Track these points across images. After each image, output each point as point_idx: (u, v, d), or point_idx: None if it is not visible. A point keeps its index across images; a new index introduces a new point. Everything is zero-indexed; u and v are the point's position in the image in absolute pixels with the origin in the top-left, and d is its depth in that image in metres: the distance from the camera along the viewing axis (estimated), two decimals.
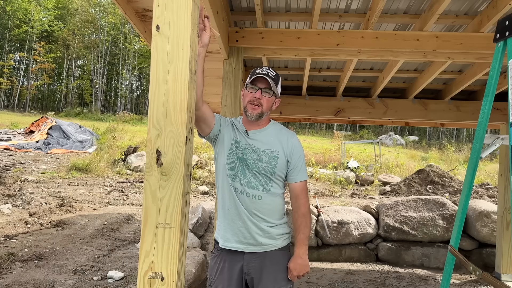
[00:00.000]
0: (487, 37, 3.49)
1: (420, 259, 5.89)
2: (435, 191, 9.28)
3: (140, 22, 3.50)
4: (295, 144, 2.10)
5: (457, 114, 5.49)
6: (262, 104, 2.04)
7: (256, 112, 2.03)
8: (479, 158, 1.83)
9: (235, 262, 2.04)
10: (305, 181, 2.11)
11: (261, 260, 2.02)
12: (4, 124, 22.07)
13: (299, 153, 2.10)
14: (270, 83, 2.02)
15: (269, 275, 2.01)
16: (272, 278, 2.00)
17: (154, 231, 1.52)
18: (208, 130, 2.02)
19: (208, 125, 2.00)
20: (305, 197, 2.09)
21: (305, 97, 5.64)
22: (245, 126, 2.12)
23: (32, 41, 42.46)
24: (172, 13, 1.54)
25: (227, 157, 2.04)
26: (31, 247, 5.47)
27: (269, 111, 2.10)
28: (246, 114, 2.08)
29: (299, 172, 2.08)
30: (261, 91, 2.04)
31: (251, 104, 2.04)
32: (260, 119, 2.08)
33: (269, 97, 2.06)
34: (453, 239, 1.97)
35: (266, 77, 2.02)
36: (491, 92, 1.82)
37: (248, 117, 2.07)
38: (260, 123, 2.11)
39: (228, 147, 2.05)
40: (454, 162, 18.04)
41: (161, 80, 1.54)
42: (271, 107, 2.11)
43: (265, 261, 2.02)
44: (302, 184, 2.09)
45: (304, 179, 2.10)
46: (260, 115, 2.05)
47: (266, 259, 2.02)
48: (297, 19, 3.73)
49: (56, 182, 10.65)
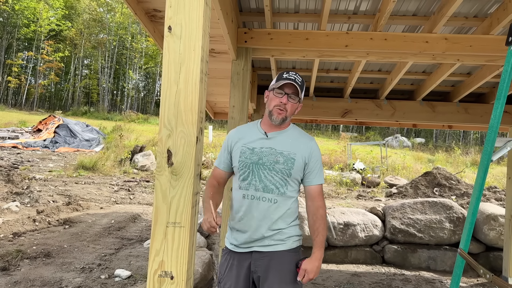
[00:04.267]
0: (497, 40, 3.46)
1: (427, 261, 5.86)
2: (442, 193, 9.22)
3: (150, 22, 3.51)
4: (313, 148, 2.11)
5: (465, 116, 5.45)
6: (287, 109, 2.07)
7: (281, 116, 2.07)
8: (490, 161, 1.82)
9: (244, 260, 2.06)
10: (322, 184, 2.13)
11: (269, 259, 2.03)
12: (12, 123, 22.25)
13: (317, 157, 2.12)
14: (298, 89, 2.05)
15: (275, 275, 2.00)
16: (278, 279, 2.00)
17: (164, 230, 1.54)
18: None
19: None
20: (322, 200, 2.10)
21: (312, 98, 5.63)
22: (265, 128, 2.14)
23: (40, 40, 42.73)
24: (184, 14, 1.55)
25: (238, 169, 2.09)
26: (39, 244, 5.51)
27: (292, 116, 2.14)
28: (270, 118, 2.09)
29: (316, 175, 2.10)
30: (287, 96, 2.06)
31: (277, 108, 2.06)
32: (283, 123, 2.11)
33: (294, 102, 2.09)
34: (463, 242, 1.96)
35: (294, 83, 2.03)
36: (503, 95, 1.81)
37: (272, 121, 2.09)
38: (281, 126, 2.13)
39: (238, 159, 2.09)
40: (461, 164, 17.93)
41: (172, 81, 1.55)
42: (294, 112, 2.15)
43: (273, 261, 2.02)
44: (319, 187, 2.11)
45: (320, 182, 2.11)
46: (284, 119, 2.08)
47: (274, 259, 2.02)
48: (305, 20, 3.74)
49: (63, 181, 10.73)
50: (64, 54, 43.95)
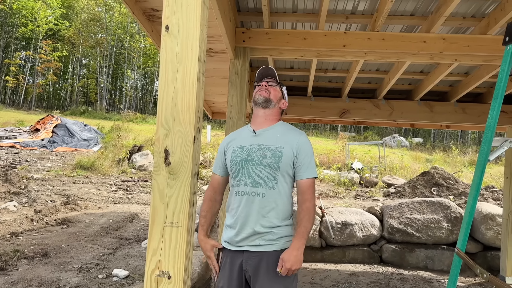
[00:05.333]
0: (495, 40, 3.47)
1: (424, 261, 5.87)
2: (439, 193, 9.24)
3: (148, 22, 3.51)
4: (302, 141, 2.11)
5: (463, 116, 5.46)
6: (269, 91, 2.19)
7: (264, 95, 2.17)
8: (487, 160, 1.82)
9: (236, 258, 2.07)
10: (313, 179, 2.10)
11: (259, 259, 2.02)
12: (10, 122, 22.19)
13: (307, 150, 2.11)
14: (273, 74, 2.23)
15: (265, 275, 2.00)
16: (269, 279, 1.99)
17: (161, 229, 1.53)
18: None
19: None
20: (311, 193, 2.08)
21: (310, 98, 5.63)
22: (254, 127, 2.19)
23: (38, 39, 42.64)
24: (181, 14, 1.55)
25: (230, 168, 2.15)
26: (37, 244, 5.50)
27: (276, 103, 2.20)
28: (255, 103, 2.19)
29: (307, 169, 2.08)
30: (267, 82, 2.22)
31: (259, 91, 2.20)
32: (268, 106, 2.17)
33: (275, 86, 2.22)
34: (460, 242, 1.96)
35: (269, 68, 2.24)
36: (499, 95, 1.82)
37: (256, 102, 2.18)
38: (268, 119, 2.18)
39: (229, 159, 2.15)
40: (458, 164, 17.95)
41: (170, 80, 1.55)
42: (278, 101, 2.22)
43: (263, 261, 2.01)
44: (309, 181, 2.08)
45: (310, 176, 2.08)
46: (267, 99, 2.17)
47: (264, 259, 2.01)
48: (304, 20, 3.73)
49: (61, 180, 10.71)
50: (62, 53, 43.89)
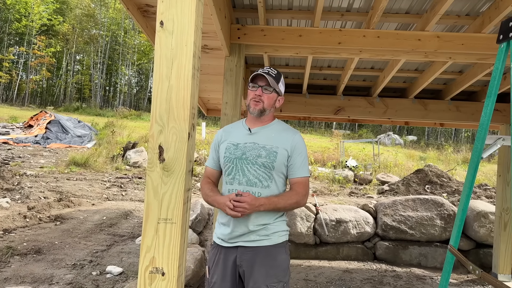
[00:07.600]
0: (489, 38, 3.49)
1: (418, 258, 5.91)
2: (433, 191, 9.30)
3: (142, 18, 3.49)
4: (296, 141, 2.13)
5: (457, 114, 5.49)
6: (263, 100, 2.13)
7: (258, 107, 2.13)
8: (480, 158, 1.83)
9: (229, 254, 2.08)
10: (305, 177, 2.12)
11: (254, 254, 2.04)
12: (3, 118, 22.01)
13: (301, 150, 2.12)
14: (269, 80, 2.11)
15: (260, 269, 2.01)
16: (263, 273, 2.01)
17: (155, 226, 1.53)
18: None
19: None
20: (303, 190, 2.08)
21: (305, 95, 5.64)
22: (249, 124, 2.20)
23: (31, 35, 42.25)
24: (176, 9, 1.54)
25: (223, 165, 2.16)
26: (30, 241, 5.47)
27: (272, 108, 2.19)
28: (249, 111, 2.17)
29: (299, 168, 2.10)
30: (261, 88, 2.13)
31: (253, 100, 2.15)
32: (262, 115, 2.16)
33: (269, 94, 2.15)
34: (453, 239, 1.98)
35: (265, 75, 2.11)
36: (493, 93, 1.83)
37: (251, 113, 2.17)
38: (264, 120, 2.18)
39: (223, 155, 2.15)
40: (452, 162, 18.07)
41: (164, 76, 1.54)
42: (274, 104, 2.20)
43: (257, 256, 2.03)
44: (301, 179, 2.10)
45: (303, 175, 2.10)
46: (261, 110, 2.14)
47: (259, 254, 2.03)
48: (299, 17, 3.73)
49: (54, 177, 10.64)
50: (56, 49, 43.52)
